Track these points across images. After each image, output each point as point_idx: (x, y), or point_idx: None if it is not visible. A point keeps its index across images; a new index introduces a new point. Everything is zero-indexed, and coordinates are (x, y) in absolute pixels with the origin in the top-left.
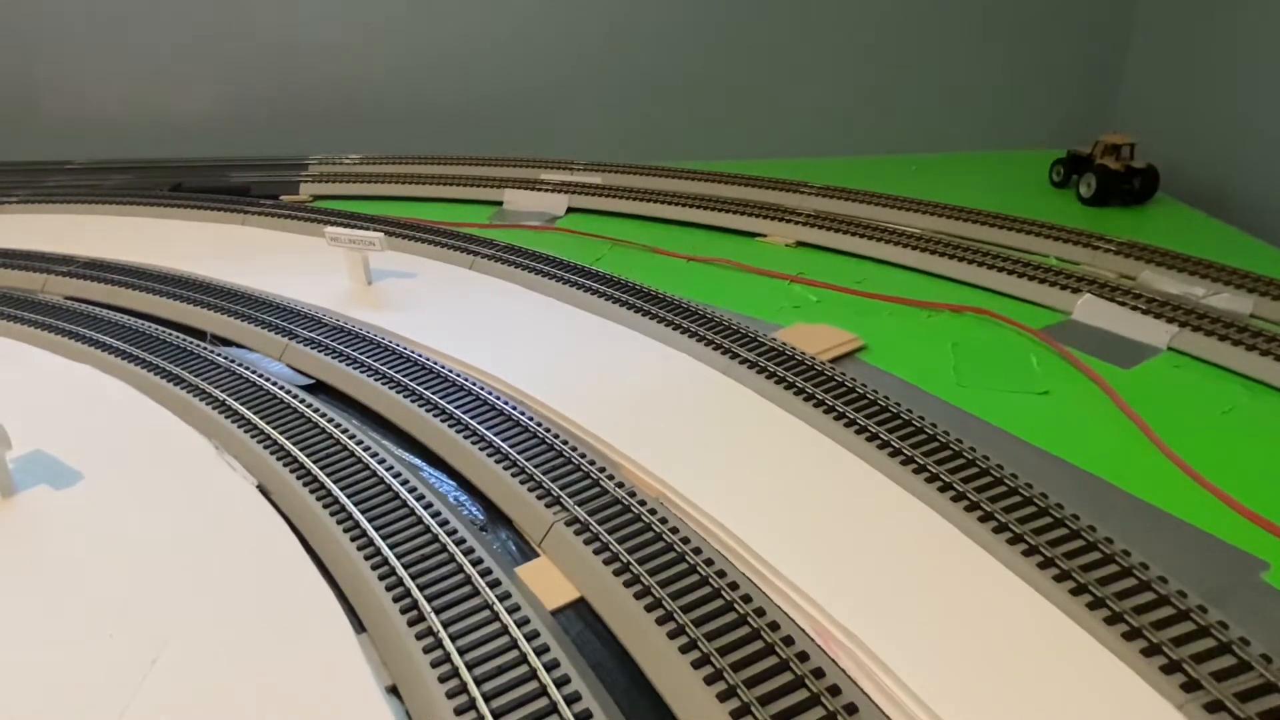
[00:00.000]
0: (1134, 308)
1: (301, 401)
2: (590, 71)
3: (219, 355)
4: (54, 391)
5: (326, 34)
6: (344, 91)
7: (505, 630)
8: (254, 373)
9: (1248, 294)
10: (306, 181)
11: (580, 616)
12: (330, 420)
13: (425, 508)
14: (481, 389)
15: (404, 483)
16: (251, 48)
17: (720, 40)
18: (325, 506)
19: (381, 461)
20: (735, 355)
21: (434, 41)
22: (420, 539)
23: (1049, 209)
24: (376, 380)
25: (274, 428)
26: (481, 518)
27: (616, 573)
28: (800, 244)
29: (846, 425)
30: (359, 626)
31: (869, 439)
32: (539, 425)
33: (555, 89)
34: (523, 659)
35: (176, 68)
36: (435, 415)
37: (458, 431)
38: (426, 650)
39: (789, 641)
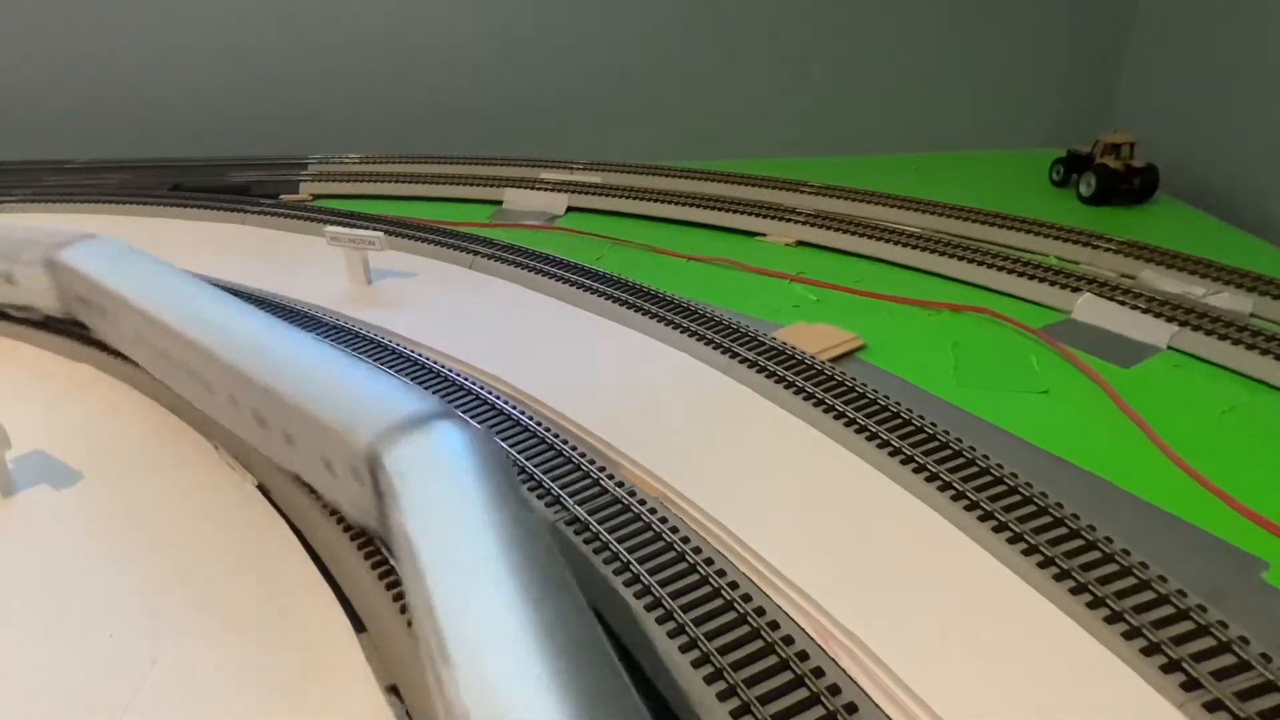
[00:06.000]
0: (1134, 307)
1: None
2: (590, 71)
3: None
4: (54, 391)
5: (327, 34)
6: (344, 91)
7: None
8: None
9: (1248, 293)
10: (306, 181)
11: None
12: None
13: None
14: (481, 389)
15: None
16: (252, 46)
17: (720, 40)
18: (324, 506)
19: None
20: (735, 355)
21: (435, 42)
22: None
23: (1049, 208)
24: None
25: None
26: None
27: (616, 572)
28: (800, 243)
29: (847, 425)
30: (359, 626)
31: (869, 438)
32: (539, 425)
33: (556, 89)
34: None
35: (176, 65)
36: None
37: None
38: None
39: (789, 641)
